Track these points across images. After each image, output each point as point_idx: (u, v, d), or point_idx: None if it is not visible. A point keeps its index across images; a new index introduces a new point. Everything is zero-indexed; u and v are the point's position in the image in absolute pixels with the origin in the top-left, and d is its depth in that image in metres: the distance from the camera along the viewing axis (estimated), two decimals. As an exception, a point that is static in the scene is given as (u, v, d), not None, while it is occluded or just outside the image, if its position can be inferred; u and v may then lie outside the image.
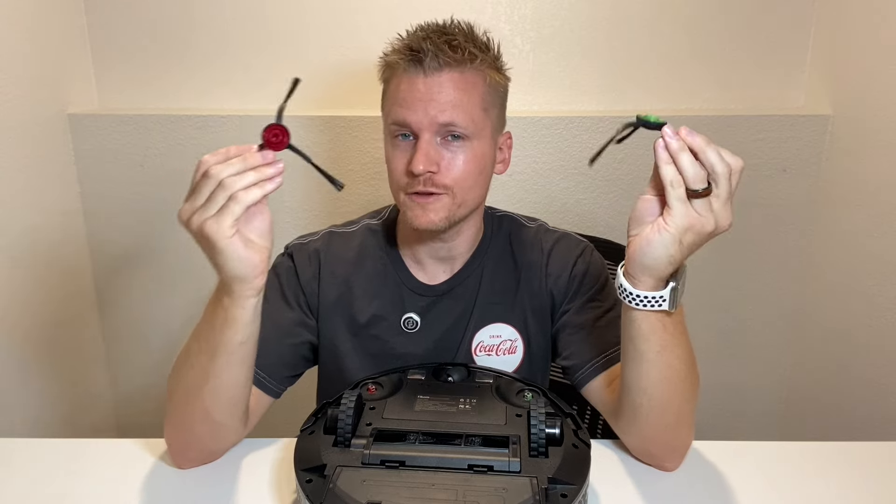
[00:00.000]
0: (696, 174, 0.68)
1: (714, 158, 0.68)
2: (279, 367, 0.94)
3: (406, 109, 0.86)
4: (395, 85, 0.89)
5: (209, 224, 0.69)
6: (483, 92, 0.88)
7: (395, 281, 1.00)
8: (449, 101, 0.85)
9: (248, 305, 0.75)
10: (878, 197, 1.43)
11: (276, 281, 0.99)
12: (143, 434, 0.93)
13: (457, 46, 0.86)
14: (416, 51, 0.85)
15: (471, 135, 0.87)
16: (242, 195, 0.68)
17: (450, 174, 0.87)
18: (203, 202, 0.69)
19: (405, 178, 0.89)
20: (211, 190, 0.68)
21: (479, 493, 0.67)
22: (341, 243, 1.02)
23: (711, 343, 1.72)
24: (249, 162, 0.69)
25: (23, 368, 1.48)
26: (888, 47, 1.38)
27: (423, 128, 0.86)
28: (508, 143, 0.98)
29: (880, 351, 1.44)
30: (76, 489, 0.83)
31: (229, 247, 0.70)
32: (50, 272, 1.55)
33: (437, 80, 0.85)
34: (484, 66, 0.88)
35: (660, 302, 0.74)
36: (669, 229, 0.70)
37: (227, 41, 1.59)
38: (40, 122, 1.51)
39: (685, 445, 0.86)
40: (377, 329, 0.99)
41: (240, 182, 0.68)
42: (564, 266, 0.99)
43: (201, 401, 0.80)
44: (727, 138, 1.56)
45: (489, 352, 0.99)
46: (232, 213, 0.68)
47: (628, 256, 0.74)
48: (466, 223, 0.96)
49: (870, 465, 0.87)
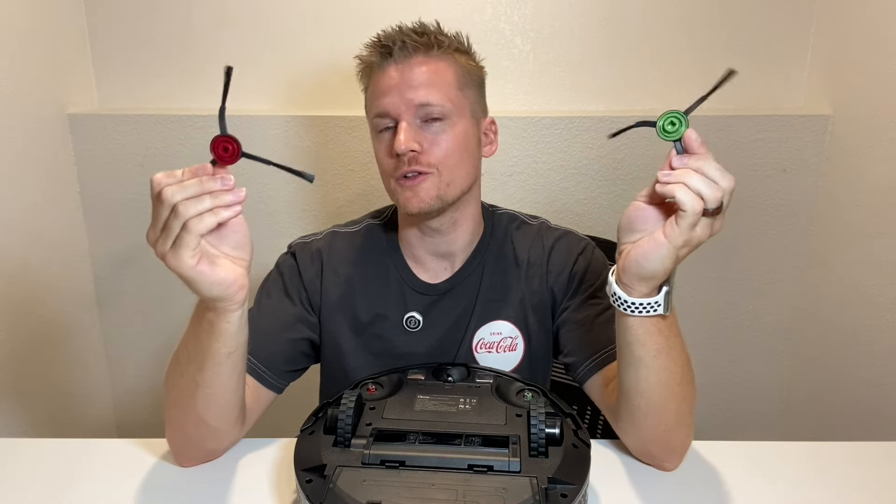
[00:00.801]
0: (715, 195, 0.67)
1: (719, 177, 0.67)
2: (278, 362, 0.94)
3: (383, 98, 0.90)
4: (373, 82, 0.92)
5: (169, 257, 0.66)
6: (456, 72, 0.92)
7: (397, 280, 1.00)
8: (422, 83, 0.89)
9: (233, 319, 0.74)
10: (878, 197, 1.43)
11: (279, 277, 1.00)
12: (143, 434, 0.93)
13: (423, 33, 0.91)
14: (386, 44, 0.90)
15: (449, 113, 0.90)
16: (194, 224, 0.64)
17: (433, 152, 0.90)
18: (161, 231, 0.66)
19: (392, 163, 0.91)
20: (165, 217, 0.65)
21: (479, 493, 0.67)
22: (344, 243, 1.03)
23: (711, 343, 1.72)
24: (205, 186, 0.65)
25: (22, 368, 1.48)
26: (888, 47, 1.38)
27: (401, 112, 0.89)
28: (493, 128, 1.00)
29: (880, 351, 1.44)
30: (76, 489, 0.83)
31: (196, 276, 0.67)
32: (50, 272, 1.55)
33: (408, 65, 0.89)
34: (452, 50, 0.92)
35: (655, 308, 0.74)
36: (669, 245, 0.69)
37: (227, 41, 1.59)
38: (40, 122, 1.50)
39: (684, 446, 0.86)
40: (380, 328, 1.00)
41: (193, 208, 0.64)
42: (565, 263, 0.99)
43: (193, 408, 0.80)
44: (727, 138, 1.57)
45: (490, 349, 0.99)
46: (186, 245, 0.65)
47: (622, 267, 0.74)
48: (462, 214, 0.97)
49: (870, 465, 0.87)
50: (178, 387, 0.81)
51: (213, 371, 0.77)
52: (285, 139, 1.57)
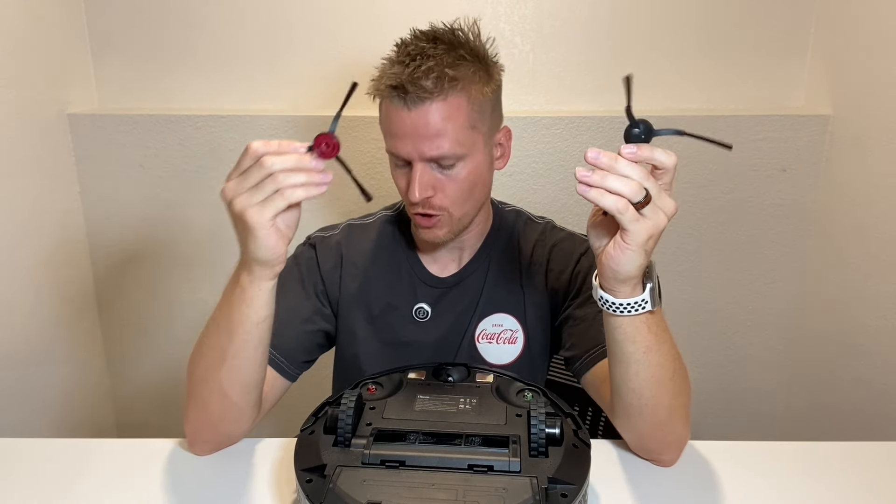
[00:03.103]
0: (633, 188, 0.67)
1: (629, 171, 0.67)
2: (296, 352, 0.98)
3: (397, 142, 0.91)
4: (385, 111, 0.92)
5: (252, 211, 0.71)
6: (468, 111, 0.90)
7: (408, 272, 1.04)
8: (434, 133, 0.88)
9: (265, 287, 0.78)
10: (878, 197, 1.43)
11: (296, 269, 1.03)
12: (143, 434, 0.93)
13: (436, 77, 0.87)
14: (398, 85, 0.87)
15: (462, 156, 0.91)
16: (290, 192, 0.70)
17: (445, 197, 0.93)
18: (250, 187, 0.70)
19: (407, 199, 0.94)
20: (261, 178, 0.70)
21: (479, 493, 0.67)
22: (360, 235, 1.07)
23: (711, 343, 1.72)
24: (303, 162, 0.71)
25: (23, 368, 1.48)
26: (888, 47, 1.38)
27: (414, 159, 0.90)
28: (508, 135, 1.00)
29: (880, 351, 1.44)
30: (76, 489, 0.83)
31: (265, 235, 0.72)
32: (50, 272, 1.55)
33: (420, 114, 0.88)
34: (466, 84, 0.89)
35: (643, 305, 0.75)
36: (632, 247, 0.70)
37: (228, 41, 1.59)
38: (40, 122, 1.51)
39: (681, 440, 0.86)
40: (390, 318, 1.04)
41: (290, 179, 0.70)
42: (567, 263, 1.01)
43: (218, 381, 0.82)
44: (727, 138, 1.56)
45: (491, 340, 1.03)
46: (276, 206, 0.70)
47: (601, 273, 0.75)
48: (473, 220, 1.00)
49: (870, 465, 0.87)
50: (205, 360, 0.83)
51: (242, 339, 0.80)
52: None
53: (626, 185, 0.67)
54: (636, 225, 0.68)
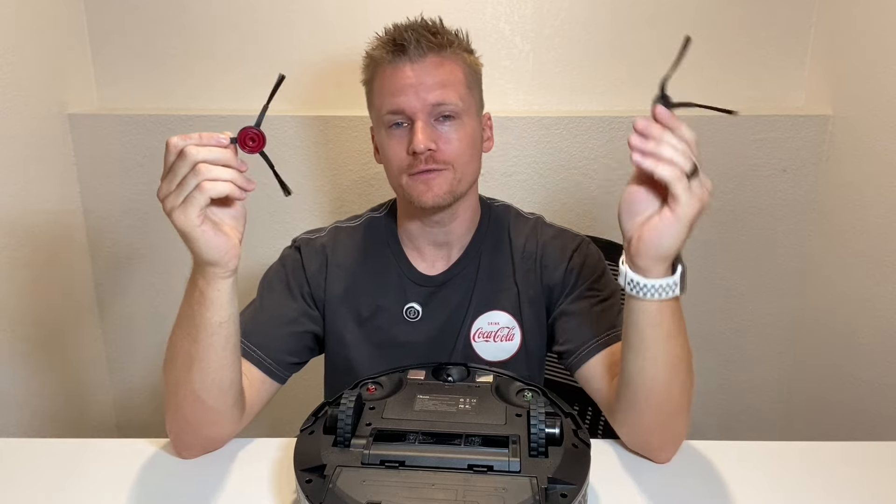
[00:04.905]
0: (686, 157, 0.68)
1: (687, 133, 0.70)
2: (284, 354, 0.97)
3: (399, 97, 0.91)
4: (382, 78, 0.94)
5: (176, 213, 0.71)
6: (465, 72, 0.95)
7: (397, 272, 1.03)
8: (437, 83, 0.91)
9: (223, 287, 0.77)
10: (878, 197, 1.43)
11: (282, 271, 1.02)
12: (143, 434, 0.93)
13: (435, 33, 0.93)
14: (400, 42, 0.91)
15: (461, 112, 0.93)
16: (210, 185, 0.69)
17: (449, 150, 0.93)
18: (176, 186, 0.70)
19: (406, 160, 0.93)
20: (184, 173, 0.69)
21: (479, 493, 0.67)
22: (346, 237, 1.06)
23: (712, 343, 1.72)
24: (227, 157, 0.70)
25: (23, 368, 1.48)
26: (888, 47, 1.38)
27: (417, 111, 0.91)
28: (489, 123, 1.03)
29: (880, 351, 1.44)
30: (76, 489, 0.83)
31: (200, 235, 0.72)
32: (50, 272, 1.55)
33: (423, 65, 0.91)
34: (460, 50, 0.95)
35: (673, 288, 0.75)
36: (682, 219, 0.70)
37: (227, 41, 1.59)
38: (40, 122, 1.50)
39: (681, 436, 0.86)
40: (381, 319, 1.02)
41: (212, 172, 0.69)
42: (561, 259, 1.00)
43: (190, 385, 0.81)
44: (727, 138, 1.57)
45: (487, 338, 1.02)
46: (197, 203, 0.70)
47: (636, 251, 0.74)
48: (462, 205, 0.99)
49: (870, 465, 0.87)
50: (175, 365, 0.82)
51: (207, 342, 0.79)
52: (284, 139, 1.57)
53: (679, 154, 0.68)
54: (688, 195, 0.69)
